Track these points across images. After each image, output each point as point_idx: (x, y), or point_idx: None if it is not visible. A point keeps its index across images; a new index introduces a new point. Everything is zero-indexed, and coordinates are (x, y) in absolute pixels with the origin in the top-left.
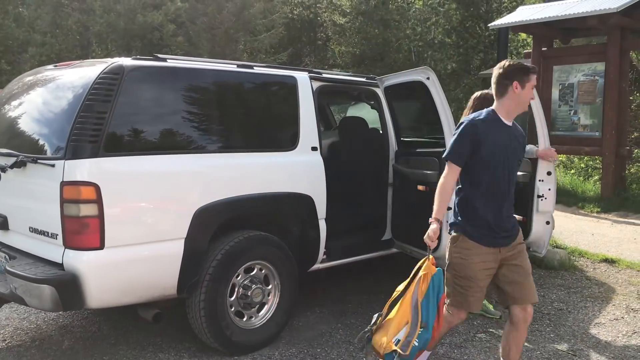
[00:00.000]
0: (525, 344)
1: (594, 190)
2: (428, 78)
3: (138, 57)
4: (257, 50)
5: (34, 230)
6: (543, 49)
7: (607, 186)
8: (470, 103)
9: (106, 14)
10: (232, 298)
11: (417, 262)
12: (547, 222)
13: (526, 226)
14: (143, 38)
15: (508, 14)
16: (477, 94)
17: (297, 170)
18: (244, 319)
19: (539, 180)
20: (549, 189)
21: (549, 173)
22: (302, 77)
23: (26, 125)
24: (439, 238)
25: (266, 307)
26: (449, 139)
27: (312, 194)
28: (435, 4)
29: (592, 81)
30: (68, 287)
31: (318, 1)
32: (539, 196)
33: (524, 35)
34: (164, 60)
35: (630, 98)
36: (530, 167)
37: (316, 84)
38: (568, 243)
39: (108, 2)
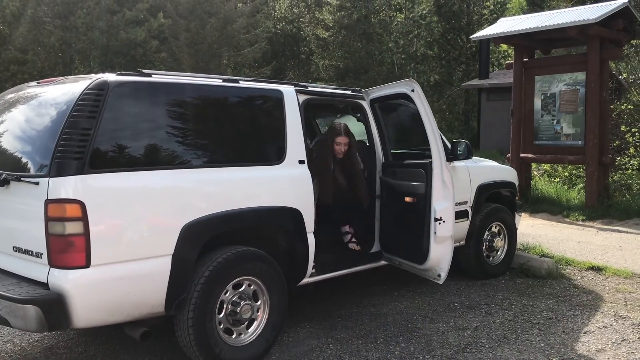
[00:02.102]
0: (516, 354)
1: (579, 199)
2: (413, 90)
3: (122, 72)
4: (241, 65)
5: (17, 249)
6: (524, 59)
7: (592, 194)
8: None
9: (89, 31)
10: (221, 315)
11: (406, 274)
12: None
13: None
14: (126, 54)
15: (489, 25)
16: None
17: (284, 183)
18: (233, 336)
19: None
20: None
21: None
22: (288, 91)
23: (9, 143)
24: (424, 248)
25: (255, 323)
26: (435, 150)
27: (300, 207)
28: (417, 17)
29: (574, 90)
30: (53, 307)
31: (301, 16)
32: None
33: (505, 46)
34: (149, 75)
35: (611, 107)
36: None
37: (302, 97)
38: (554, 251)
39: (90, 19)
